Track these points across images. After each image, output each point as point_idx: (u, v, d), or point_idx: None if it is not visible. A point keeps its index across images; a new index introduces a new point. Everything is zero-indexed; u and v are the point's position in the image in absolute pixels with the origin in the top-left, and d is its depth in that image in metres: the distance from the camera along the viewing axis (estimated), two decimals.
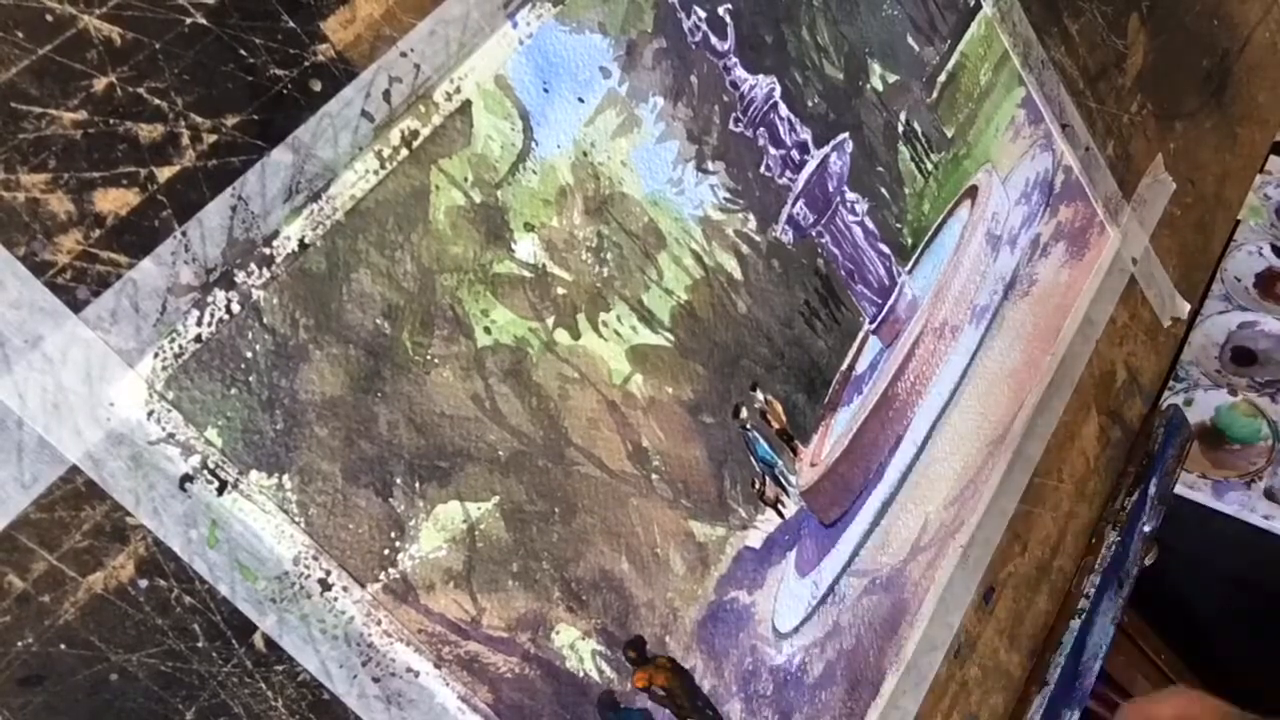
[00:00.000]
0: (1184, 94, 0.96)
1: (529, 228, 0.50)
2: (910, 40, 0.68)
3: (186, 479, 0.40)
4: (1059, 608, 0.82)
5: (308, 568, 0.43)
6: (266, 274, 0.41)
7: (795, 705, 0.61)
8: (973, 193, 0.73)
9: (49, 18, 0.36)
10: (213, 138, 0.40)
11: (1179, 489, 0.95)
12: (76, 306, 0.37)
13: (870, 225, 0.66)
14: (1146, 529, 0.87)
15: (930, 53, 0.70)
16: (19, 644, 0.36)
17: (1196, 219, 0.98)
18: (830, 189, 0.63)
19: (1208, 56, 0.99)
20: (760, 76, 0.59)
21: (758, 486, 0.59)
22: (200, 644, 0.40)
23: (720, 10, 0.57)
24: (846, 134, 0.64)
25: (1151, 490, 0.87)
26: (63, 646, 0.37)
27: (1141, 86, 0.90)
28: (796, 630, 0.62)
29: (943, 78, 0.71)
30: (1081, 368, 0.83)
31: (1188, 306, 0.96)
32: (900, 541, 0.68)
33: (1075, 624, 0.81)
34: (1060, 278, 0.81)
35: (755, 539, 0.59)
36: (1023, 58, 0.76)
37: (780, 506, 0.61)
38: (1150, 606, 1.21)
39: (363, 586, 0.44)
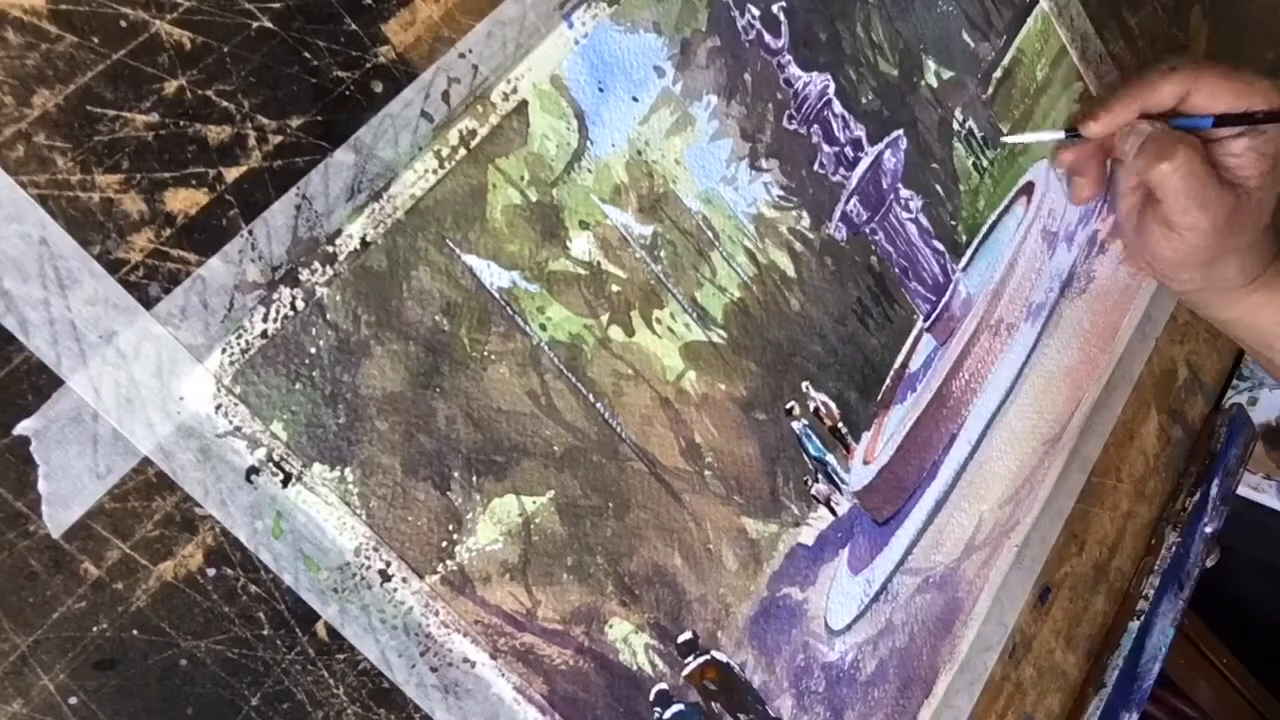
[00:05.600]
0: None
1: (584, 226, 0.50)
2: (965, 36, 0.68)
3: (253, 471, 0.41)
4: (1117, 609, 0.81)
5: (368, 559, 0.43)
6: (330, 271, 0.42)
7: (847, 702, 0.61)
8: (1029, 189, 0.72)
9: (123, 23, 0.38)
10: (278, 138, 0.41)
11: (1242, 490, 0.94)
12: (148, 303, 0.38)
13: (924, 222, 0.66)
14: (1208, 530, 0.86)
15: (986, 48, 0.69)
16: (94, 629, 0.37)
17: None
18: (884, 186, 0.63)
19: (1273, 48, 0.96)
20: (814, 74, 0.59)
21: (810, 484, 0.59)
22: (265, 632, 0.41)
23: (774, 8, 0.57)
24: (901, 131, 0.64)
25: (1213, 491, 0.86)
26: (135, 632, 0.38)
27: None
28: (849, 628, 0.62)
29: (998, 73, 0.70)
30: (1141, 366, 0.82)
31: None
32: (954, 540, 0.68)
33: (1134, 625, 0.80)
34: (1119, 274, 0.80)
35: (808, 536, 0.59)
36: (1080, 52, 0.75)
37: (833, 504, 0.61)
38: (1212, 609, 1.19)
39: (421, 578, 0.45)
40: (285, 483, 0.41)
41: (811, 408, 0.60)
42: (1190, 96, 0.61)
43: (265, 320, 0.41)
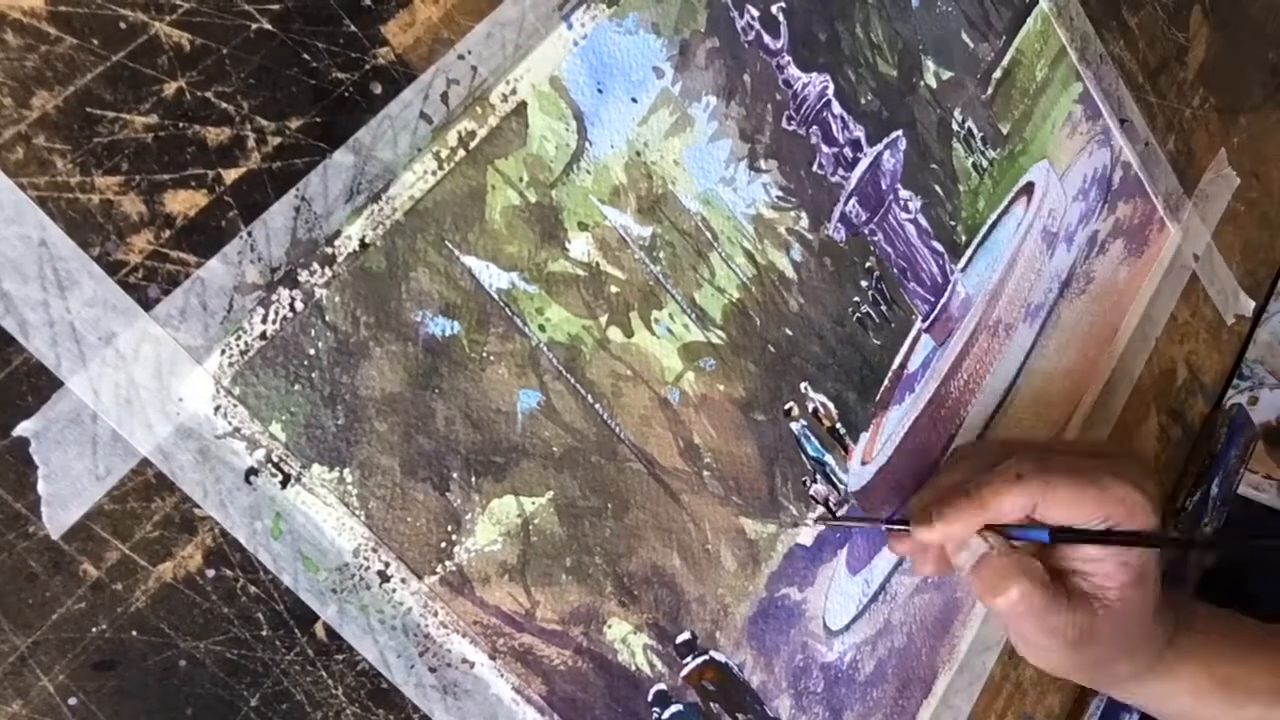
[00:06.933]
0: (1248, 87, 0.94)
1: (583, 227, 0.50)
2: (964, 36, 0.68)
3: (252, 472, 0.41)
4: None
5: (367, 559, 0.44)
6: (329, 273, 0.42)
7: (846, 702, 0.61)
8: (1029, 189, 0.72)
9: (122, 25, 0.38)
10: (277, 140, 0.41)
11: (1242, 490, 0.93)
12: (148, 305, 0.38)
13: (923, 223, 0.66)
14: (1208, 530, 0.86)
15: (985, 49, 0.69)
16: (93, 630, 0.37)
17: (1261, 214, 0.96)
18: (883, 187, 0.63)
19: (1273, 49, 0.96)
20: (813, 74, 0.59)
21: (809, 484, 0.59)
22: (264, 632, 0.41)
23: (773, 9, 0.57)
24: (900, 131, 0.64)
25: (1214, 491, 0.86)
26: (134, 633, 0.38)
27: (1204, 80, 0.88)
28: (847, 628, 0.62)
29: (998, 74, 0.70)
30: (1140, 366, 0.82)
31: (1252, 304, 0.94)
32: None
33: None
34: (1118, 275, 0.80)
35: (806, 536, 0.59)
36: (1080, 52, 0.75)
37: (831, 504, 0.61)
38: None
39: (420, 578, 0.45)
40: (284, 484, 0.41)
41: (810, 408, 0.60)
42: (1039, 508, 0.54)
43: (264, 322, 0.41)
